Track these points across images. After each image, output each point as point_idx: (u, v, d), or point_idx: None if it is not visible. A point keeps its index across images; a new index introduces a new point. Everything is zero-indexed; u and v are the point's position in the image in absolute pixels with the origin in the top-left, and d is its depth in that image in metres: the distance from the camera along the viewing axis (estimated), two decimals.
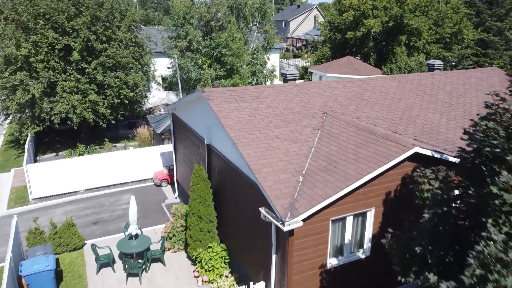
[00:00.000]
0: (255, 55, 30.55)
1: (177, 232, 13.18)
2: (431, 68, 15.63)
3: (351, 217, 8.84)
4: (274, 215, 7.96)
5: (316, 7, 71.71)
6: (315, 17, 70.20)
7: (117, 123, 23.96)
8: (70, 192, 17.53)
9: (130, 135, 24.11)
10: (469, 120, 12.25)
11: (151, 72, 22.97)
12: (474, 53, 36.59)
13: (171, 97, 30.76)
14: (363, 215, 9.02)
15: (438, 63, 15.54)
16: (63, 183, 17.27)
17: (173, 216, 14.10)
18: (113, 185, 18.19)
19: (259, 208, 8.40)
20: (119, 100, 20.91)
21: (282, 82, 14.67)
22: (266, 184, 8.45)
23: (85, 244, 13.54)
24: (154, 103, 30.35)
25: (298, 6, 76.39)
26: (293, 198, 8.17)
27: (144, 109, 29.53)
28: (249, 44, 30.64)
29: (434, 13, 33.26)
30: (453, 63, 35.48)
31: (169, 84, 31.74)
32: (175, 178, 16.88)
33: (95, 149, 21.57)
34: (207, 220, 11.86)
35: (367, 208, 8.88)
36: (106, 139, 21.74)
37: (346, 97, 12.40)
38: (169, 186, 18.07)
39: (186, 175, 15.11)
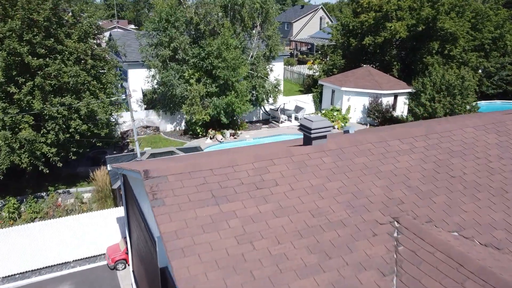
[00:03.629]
0: (255, 66, 24.86)
1: None
2: None
3: None
4: None
5: (321, 8, 66.02)
6: (320, 18, 64.51)
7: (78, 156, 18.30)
8: None
9: (91, 174, 18.34)
10: None
11: (117, 93, 17.20)
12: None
13: (152, 117, 25.07)
14: None
15: None
16: None
17: None
18: (46, 267, 12.48)
19: None
20: (68, 135, 15.22)
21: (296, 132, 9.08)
22: None
23: None
24: (131, 125, 24.63)
25: (302, 7, 70.71)
26: None
27: (119, 132, 23.92)
28: (248, 52, 24.98)
29: (471, 15, 27.53)
30: (480, 71, 29.80)
31: (149, 102, 26.06)
32: (131, 269, 11.18)
33: (40, 198, 15.95)
34: None
35: None
36: (50, 188, 16.00)
37: (422, 172, 6.68)
38: (128, 268, 12.36)
39: (143, 277, 9.42)
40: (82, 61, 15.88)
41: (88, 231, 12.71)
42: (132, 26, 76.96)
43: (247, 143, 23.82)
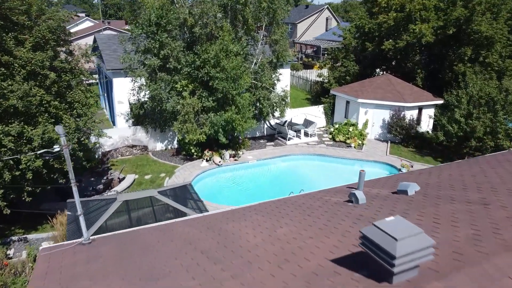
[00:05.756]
0: (259, 75, 21.30)
1: None
2: None
3: None
4: None
5: (327, 8, 62.47)
6: (327, 18, 61.00)
7: (45, 187, 14.68)
8: None
9: (58, 212, 14.71)
10: None
11: (87, 115, 13.60)
12: None
13: (139, 135, 21.52)
14: None
15: None
16: None
17: None
18: None
19: None
20: (18, 172, 11.68)
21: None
22: None
23: None
24: (114, 144, 21.14)
25: (307, 7, 67.17)
26: None
27: (100, 153, 20.42)
28: (251, 58, 21.42)
29: (506, 15, 23.95)
30: None
31: (135, 117, 22.52)
32: None
33: None
34: None
35: None
36: None
37: None
38: None
39: None
40: (40, 76, 12.32)
41: None
42: (128, 27, 73.27)
43: (250, 166, 20.31)
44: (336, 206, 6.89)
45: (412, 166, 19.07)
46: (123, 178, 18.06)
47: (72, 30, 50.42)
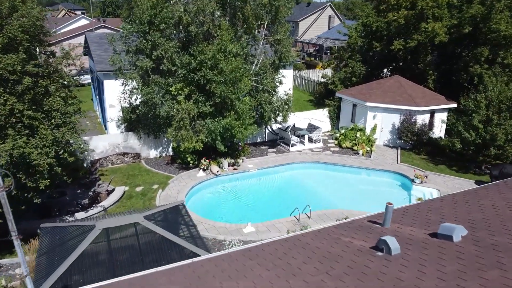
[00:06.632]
0: (260, 77, 19.75)
1: None
2: None
3: None
4: None
5: (330, 5, 60.80)
6: (329, 16, 59.33)
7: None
8: None
9: (38, 231, 13.18)
10: None
11: (67, 125, 12.05)
12: None
13: (132, 141, 19.98)
14: None
15: None
16: None
17: None
18: None
19: None
20: None
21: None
22: None
23: None
24: (104, 152, 19.58)
25: (309, 4, 65.49)
26: None
27: (89, 161, 18.90)
28: (251, 59, 19.86)
29: None
30: None
31: (127, 122, 20.97)
32: None
33: None
34: None
35: None
36: None
37: None
38: None
39: None
40: (10, 82, 10.78)
41: None
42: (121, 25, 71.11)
43: (250, 176, 18.77)
44: (361, 257, 5.35)
45: (426, 177, 17.55)
46: (112, 190, 16.53)
47: (67, 29, 48.84)
